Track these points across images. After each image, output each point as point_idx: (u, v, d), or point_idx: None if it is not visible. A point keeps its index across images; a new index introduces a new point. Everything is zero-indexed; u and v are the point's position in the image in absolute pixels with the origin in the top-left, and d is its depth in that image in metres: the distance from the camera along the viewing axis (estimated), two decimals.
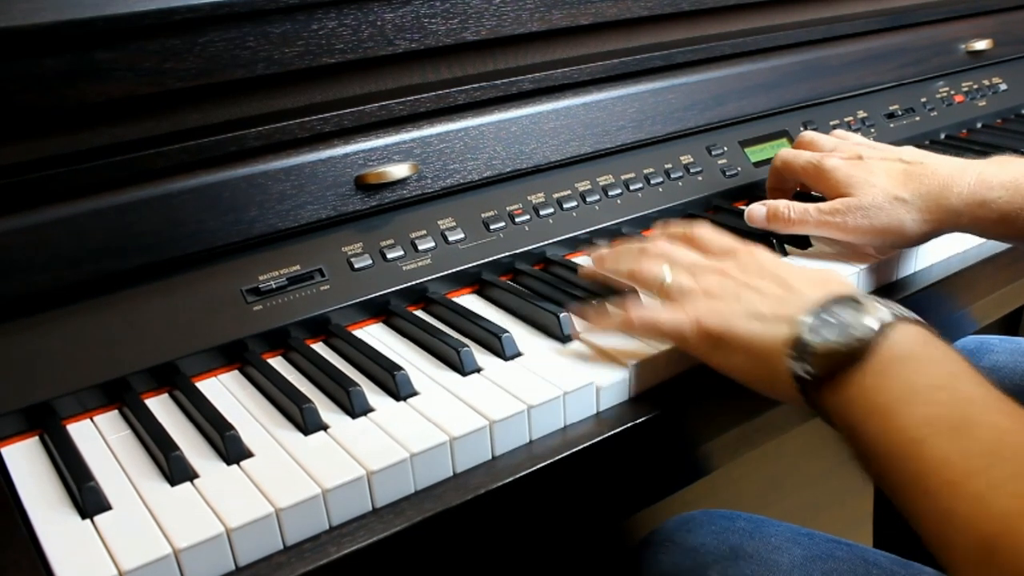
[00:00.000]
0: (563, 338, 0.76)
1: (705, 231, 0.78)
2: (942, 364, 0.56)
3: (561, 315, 0.76)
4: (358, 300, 0.79)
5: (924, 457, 0.51)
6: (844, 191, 0.85)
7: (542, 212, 0.91)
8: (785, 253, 0.91)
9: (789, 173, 0.93)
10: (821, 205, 0.86)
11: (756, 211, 0.89)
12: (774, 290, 0.68)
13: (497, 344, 0.74)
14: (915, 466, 0.52)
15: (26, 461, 0.64)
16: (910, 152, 0.88)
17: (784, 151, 0.94)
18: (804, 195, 0.97)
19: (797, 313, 0.62)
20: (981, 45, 1.32)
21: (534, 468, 0.64)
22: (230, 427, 0.63)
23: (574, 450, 0.66)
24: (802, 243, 0.92)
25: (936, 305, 0.93)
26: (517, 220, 0.90)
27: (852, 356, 0.58)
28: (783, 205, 0.87)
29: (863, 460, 0.57)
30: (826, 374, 0.59)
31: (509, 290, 0.83)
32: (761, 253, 0.73)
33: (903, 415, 0.54)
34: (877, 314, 0.59)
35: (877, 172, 0.85)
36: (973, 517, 0.47)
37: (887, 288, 0.89)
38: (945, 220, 0.83)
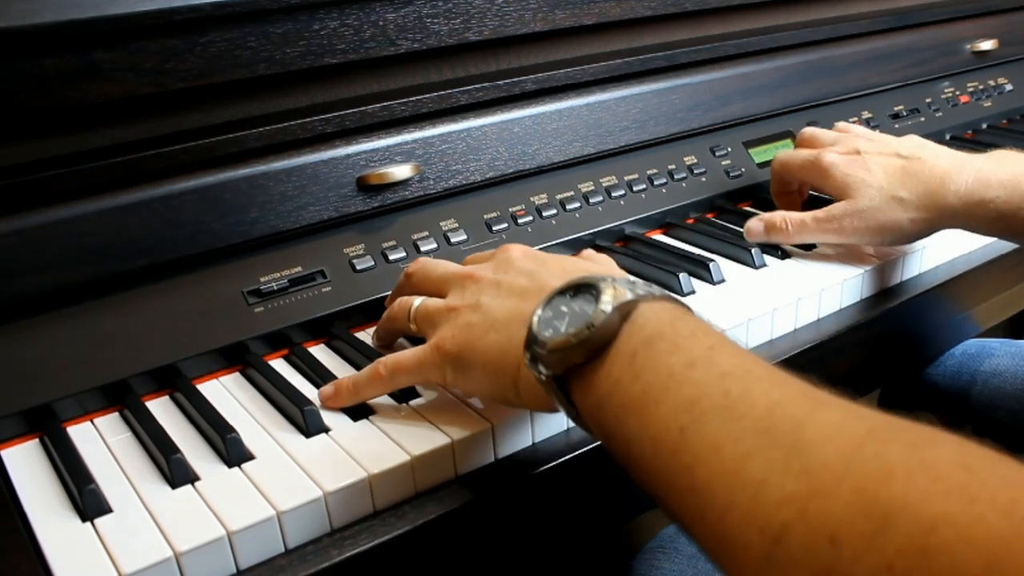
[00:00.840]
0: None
1: (477, 253, 0.74)
2: (695, 339, 0.50)
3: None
4: (360, 302, 0.79)
5: (691, 446, 0.44)
6: (842, 192, 0.85)
7: (545, 213, 0.91)
8: (787, 255, 0.91)
9: (789, 174, 0.93)
10: (816, 213, 0.86)
11: (754, 226, 0.88)
12: (521, 285, 0.62)
13: None
14: (683, 459, 0.44)
15: (26, 464, 0.64)
16: (908, 145, 0.87)
17: (781, 152, 0.94)
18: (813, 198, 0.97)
19: (532, 309, 0.56)
20: (986, 45, 1.32)
21: (546, 466, 0.64)
22: (231, 429, 0.63)
23: (576, 453, 0.66)
24: (806, 244, 0.92)
25: (940, 308, 0.92)
26: (520, 221, 0.89)
27: (588, 347, 0.51)
28: (779, 218, 0.87)
29: (629, 469, 0.50)
30: (564, 371, 0.52)
31: None
32: (518, 249, 0.67)
33: (660, 403, 0.47)
34: (614, 296, 0.52)
35: (874, 170, 0.84)
36: (755, 505, 0.40)
37: (890, 290, 0.88)
38: (942, 218, 0.83)
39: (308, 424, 0.64)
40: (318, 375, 0.71)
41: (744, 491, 0.41)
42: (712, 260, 0.87)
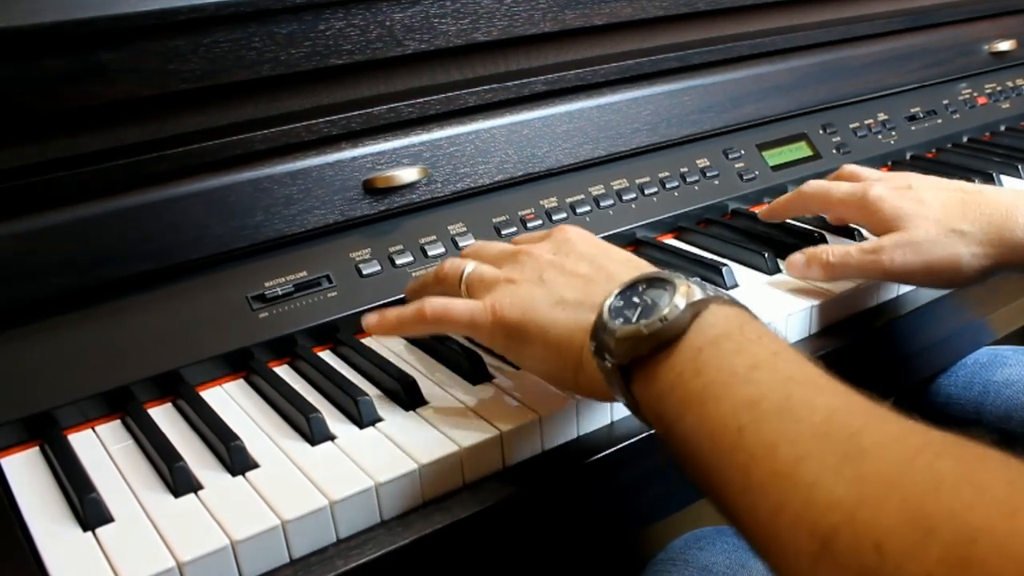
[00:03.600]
0: None
1: (524, 235, 0.73)
2: (761, 343, 0.50)
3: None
4: (367, 307, 0.78)
5: (748, 445, 0.45)
6: (891, 224, 0.77)
7: (555, 217, 0.91)
8: None
9: (827, 207, 0.86)
10: (863, 244, 0.79)
11: (796, 259, 0.82)
12: (584, 270, 0.62)
13: None
14: (739, 458, 0.45)
15: (26, 472, 0.63)
16: (963, 182, 0.82)
17: (817, 182, 0.87)
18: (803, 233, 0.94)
19: (602, 296, 0.56)
20: (1005, 46, 1.31)
21: (553, 474, 0.64)
22: (235, 437, 0.62)
23: (586, 460, 0.64)
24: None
25: (953, 315, 0.91)
26: (529, 225, 0.89)
27: (658, 339, 0.52)
28: (821, 249, 0.81)
29: (685, 464, 0.50)
30: (630, 360, 0.53)
31: None
32: (576, 231, 0.67)
33: (721, 400, 0.48)
34: (687, 294, 0.53)
35: (930, 202, 0.77)
36: (806, 508, 0.41)
37: (902, 297, 0.86)
38: (1007, 255, 0.75)
39: (313, 432, 0.64)
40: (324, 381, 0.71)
41: (796, 492, 0.42)
42: (725, 265, 0.86)
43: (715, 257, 0.90)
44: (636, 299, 0.54)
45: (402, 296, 0.79)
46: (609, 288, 0.57)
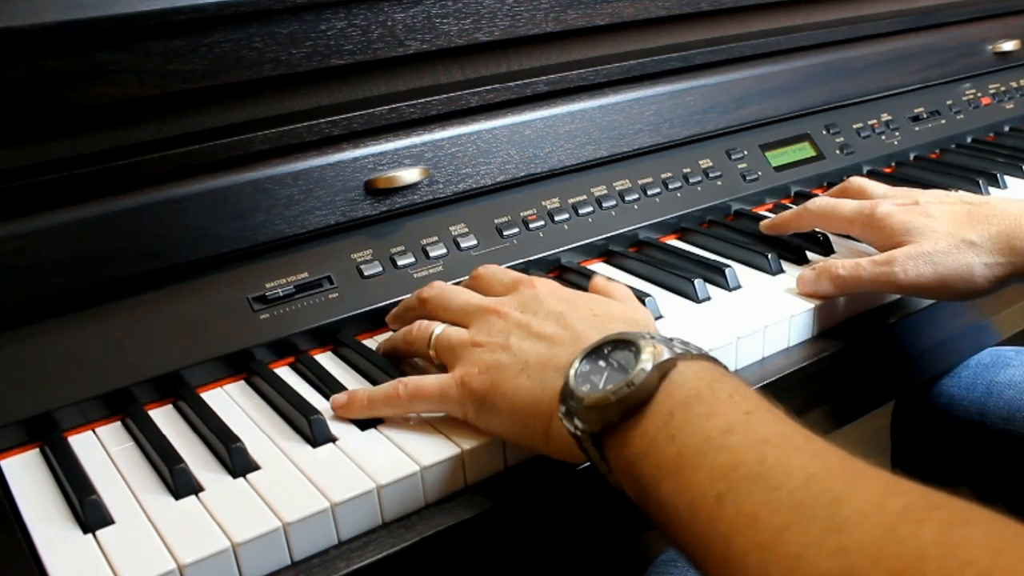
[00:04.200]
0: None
1: (487, 268, 0.72)
2: (732, 403, 0.50)
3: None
4: (368, 308, 0.78)
5: (728, 515, 0.44)
6: (901, 239, 0.78)
7: (557, 218, 0.90)
8: (805, 259, 0.89)
9: (833, 225, 0.87)
10: (875, 257, 0.78)
11: (806, 275, 0.81)
12: (550, 331, 0.61)
13: None
14: (719, 528, 0.44)
15: (26, 474, 0.63)
16: (969, 194, 0.81)
17: (823, 199, 0.87)
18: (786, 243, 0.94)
19: (567, 359, 0.56)
20: (1009, 46, 1.31)
21: (557, 475, 0.63)
22: (236, 439, 0.62)
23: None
24: (825, 249, 0.90)
25: (956, 316, 0.91)
26: (531, 226, 0.89)
27: (626, 404, 0.51)
28: (832, 263, 0.80)
29: (665, 529, 0.49)
30: (601, 428, 0.52)
31: None
32: (544, 286, 0.67)
33: (697, 468, 0.47)
34: (654, 355, 0.52)
35: (938, 216, 0.77)
36: None
37: (906, 298, 0.86)
38: (1019, 263, 0.75)
39: (315, 433, 0.63)
40: (325, 384, 0.71)
41: (779, 566, 0.41)
42: (728, 266, 0.85)
43: (718, 258, 0.90)
44: (602, 362, 0.54)
45: (403, 298, 0.78)
46: (574, 351, 0.56)
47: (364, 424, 0.65)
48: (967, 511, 0.39)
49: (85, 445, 0.66)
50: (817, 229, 0.91)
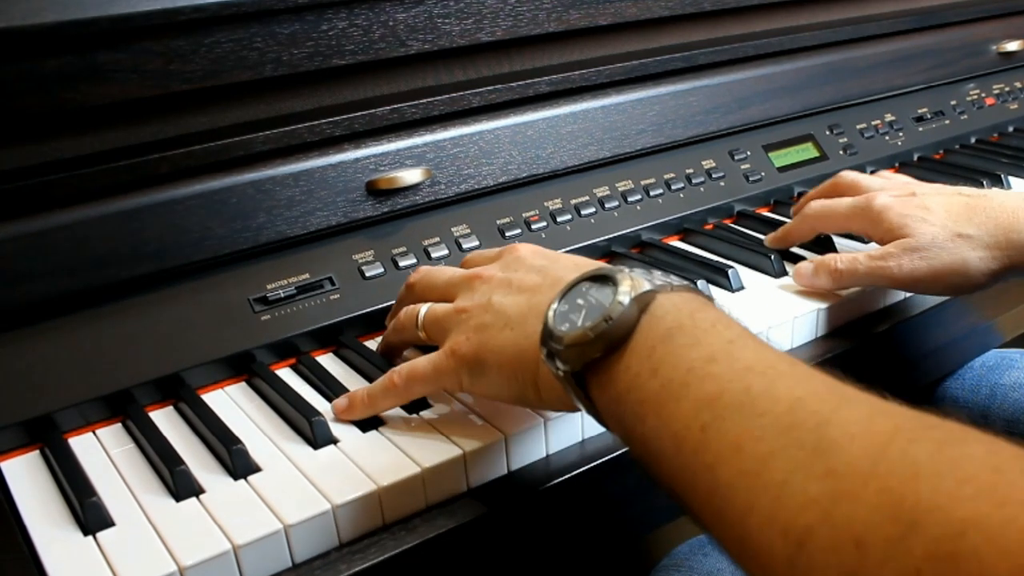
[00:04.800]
0: None
1: (475, 252, 0.72)
2: (716, 332, 0.48)
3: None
4: (370, 310, 0.78)
5: (712, 445, 0.43)
6: (898, 232, 0.77)
7: (559, 219, 0.90)
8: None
9: (832, 224, 0.86)
10: (871, 251, 0.79)
11: (803, 268, 0.82)
12: (532, 281, 0.60)
13: None
14: (704, 459, 0.43)
15: (26, 476, 0.63)
16: (968, 188, 0.81)
17: (819, 201, 0.87)
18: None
19: (547, 303, 0.54)
20: (1013, 46, 1.31)
21: (559, 479, 0.63)
22: (237, 441, 0.62)
23: (591, 465, 0.64)
24: (827, 249, 0.90)
25: (960, 318, 0.90)
26: (533, 227, 0.88)
27: (606, 340, 0.50)
28: (829, 257, 0.80)
29: (649, 467, 0.48)
30: (583, 366, 0.51)
31: None
32: (527, 247, 0.66)
33: (680, 400, 0.46)
34: (632, 287, 0.50)
35: (935, 208, 0.77)
36: (777, 508, 0.39)
37: (910, 299, 0.86)
38: (1015, 258, 0.75)
39: (316, 435, 0.63)
40: (326, 385, 0.70)
41: (766, 493, 0.40)
42: (731, 267, 0.85)
43: (721, 259, 0.90)
44: (580, 300, 0.53)
45: None
46: (553, 294, 0.55)
47: (366, 426, 0.65)
48: (963, 431, 0.38)
49: (85, 447, 0.65)
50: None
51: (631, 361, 0.49)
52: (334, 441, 0.64)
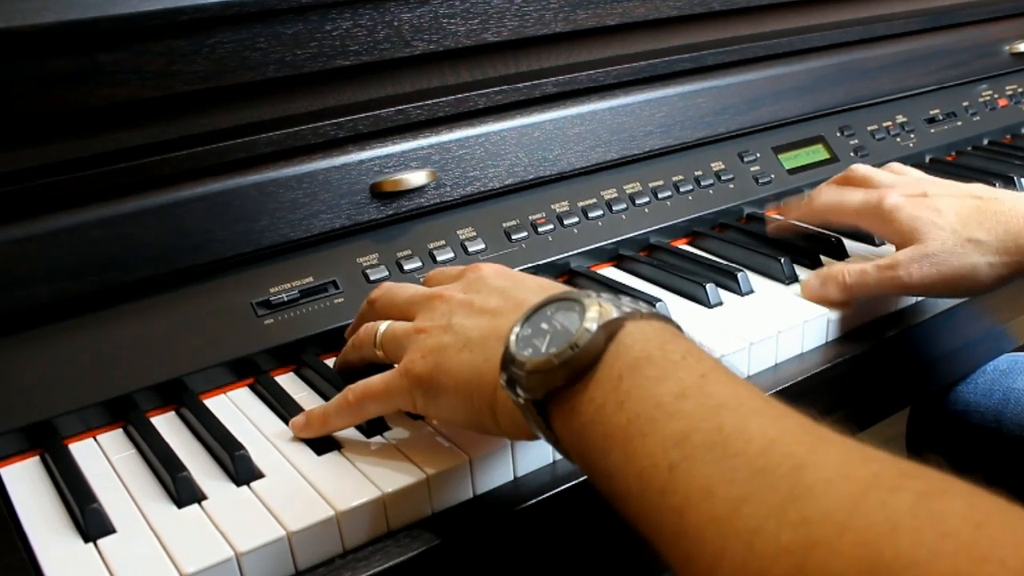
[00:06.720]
0: None
1: (437, 269, 0.70)
2: (686, 365, 0.46)
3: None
4: None
5: (680, 487, 0.41)
6: (908, 235, 0.77)
7: (566, 221, 0.90)
8: (819, 263, 0.88)
9: (841, 217, 0.86)
10: (879, 261, 0.78)
11: (811, 282, 0.81)
12: (493, 304, 0.58)
13: None
14: (671, 501, 0.42)
15: (26, 482, 0.63)
16: (981, 187, 0.81)
17: (828, 191, 0.87)
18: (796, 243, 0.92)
19: (509, 327, 0.52)
20: None
21: (560, 488, 0.62)
22: (240, 447, 0.62)
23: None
24: (838, 253, 0.90)
25: (973, 322, 0.90)
26: (540, 230, 0.88)
27: (571, 368, 0.48)
28: (837, 269, 0.79)
29: (614, 503, 0.47)
30: (545, 395, 0.49)
31: None
32: (490, 268, 0.64)
33: (647, 436, 0.44)
34: (600, 314, 0.49)
35: (945, 211, 0.77)
36: (749, 557, 0.37)
37: (921, 303, 0.85)
38: None
39: (320, 441, 0.63)
40: (335, 387, 0.69)
41: (737, 540, 0.38)
42: (740, 271, 0.84)
43: (730, 263, 0.89)
44: (545, 325, 0.50)
45: None
46: (516, 317, 0.53)
47: (370, 431, 0.64)
48: (943, 481, 0.37)
49: (86, 452, 0.65)
50: (831, 233, 0.91)
51: (596, 392, 0.48)
52: (338, 447, 0.63)
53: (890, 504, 0.35)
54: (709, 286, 0.81)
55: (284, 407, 0.68)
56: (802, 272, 0.87)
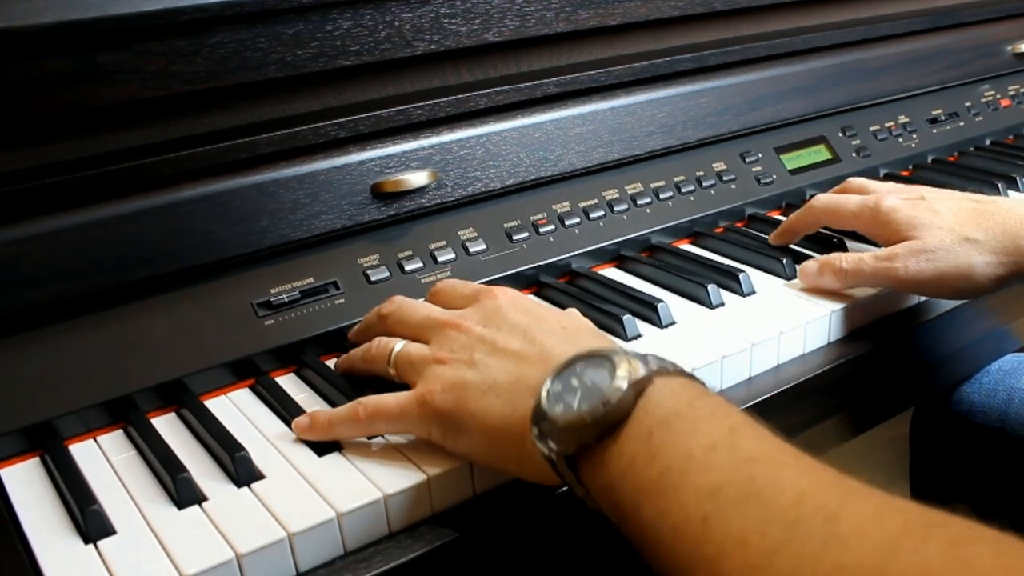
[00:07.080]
0: None
1: (446, 282, 0.71)
2: (715, 420, 0.48)
3: None
4: None
5: (715, 538, 0.43)
6: (905, 234, 0.78)
7: (567, 222, 0.89)
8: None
9: (838, 221, 0.86)
10: (877, 252, 0.79)
11: (809, 267, 0.82)
12: (516, 346, 0.59)
13: None
14: (706, 551, 0.43)
15: (26, 483, 0.62)
16: (978, 194, 0.82)
17: (826, 197, 0.87)
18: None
19: (538, 379, 0.54)
20: None
21: (562, 488, 0.61)
22: (240, 447, 0.62)
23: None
24: (840, 251, 0.89)
25: (977, 322, 0.90)
26: (541, 230, 0.88)
27: (602, 425, 0.49)
28: (834, 256, 0.80)
29: (646, 554, 0.48)
30: (576, 450, 0.50)
31: None
32: (506, 296, 0.65)
33: (680, 489, 0.45)
34: (629, 372, 0.50)
35: (943, 212, 0.78)
36: None
37: (925, 303, 0.85)
38: (1022, 264, 0.76)
39: (321, 442, 0.63)
40: (338, 389, 0.70)
41: None
42: (742, 271, 0.84)
43: (732, 263, 0.89)
44: (575, 381, 0.52)
45: None
46: (544, 369, 0.54)
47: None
48: (971, 528, 0.38)
49: (86, 454, 0.65)
50: (831, 233, 0.90)
51: (626, 447, 0.49)
52: (339, 448, 0.63)
53: (922, 552, 0.37)
54: (711, 287, 0.81)
55: (285, 408, 0.68)
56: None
